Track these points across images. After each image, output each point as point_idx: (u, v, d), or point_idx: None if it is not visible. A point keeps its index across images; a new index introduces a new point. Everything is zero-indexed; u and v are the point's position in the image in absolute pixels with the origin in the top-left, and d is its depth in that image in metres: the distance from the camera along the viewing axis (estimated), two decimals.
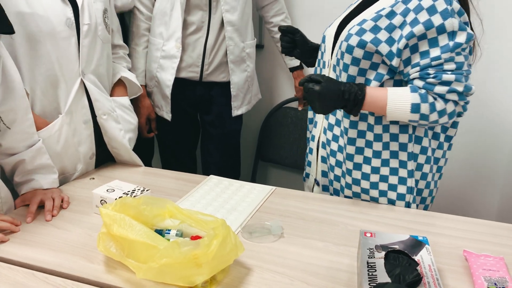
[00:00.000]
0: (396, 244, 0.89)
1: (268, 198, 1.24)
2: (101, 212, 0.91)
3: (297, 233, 1.06)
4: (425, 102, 1.06)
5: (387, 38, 1.09)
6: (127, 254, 0.87)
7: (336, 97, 1.09)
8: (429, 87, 1.07)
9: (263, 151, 2.18)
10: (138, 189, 1.16)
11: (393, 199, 1.20)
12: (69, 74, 1.26)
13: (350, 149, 1.20)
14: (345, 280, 0.88)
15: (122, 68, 1.51)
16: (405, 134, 1.16)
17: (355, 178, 1.21)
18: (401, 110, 1.08)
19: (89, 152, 1.37)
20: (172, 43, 1.67)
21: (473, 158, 1.93)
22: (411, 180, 1.18)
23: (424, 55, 1.07)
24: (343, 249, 0.99)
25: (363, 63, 1.13)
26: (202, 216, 0.94)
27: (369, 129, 1.17)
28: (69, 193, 1.24)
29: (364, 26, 1.12)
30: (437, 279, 0.81)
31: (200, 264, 0.80)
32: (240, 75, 1.79)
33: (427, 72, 1.07)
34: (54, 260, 0.93)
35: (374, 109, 1.12)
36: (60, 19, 1.21)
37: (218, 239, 0.82)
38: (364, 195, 1.22)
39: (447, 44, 1.05)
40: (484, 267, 0.89)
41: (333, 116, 1.24)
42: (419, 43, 1.07)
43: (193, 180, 1.35)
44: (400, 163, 1.18)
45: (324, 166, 1.31)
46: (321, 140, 1.30)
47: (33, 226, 1.07)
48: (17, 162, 1.15)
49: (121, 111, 1.44)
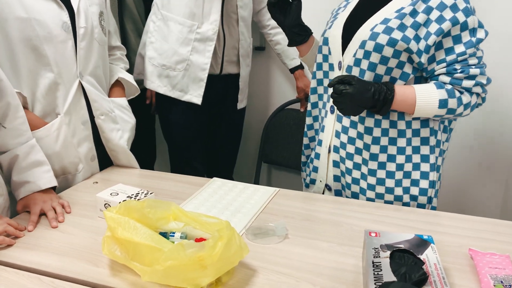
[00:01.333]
0: (401, 244, 0.89)
1: (271, 199, 1.24)
2: (106, 215, 0.91)
3: (301, 234, 1.06)
4: (453, 97, 1.10)
5: (414, 35, 1.11)
6: (132, 257, 0.87)
7: (367, 99, 1.10)
8: (457, 82, 1.11)
9: (266, 153, 2.18)
10: (142, 192, 1.17)
11: (415, 195, 1.21)
12: (67, 77, 1.28)
13: (375, 148, 1.19)
14: (350, 280, 0.88)
15: (119, 69, 1.53)
16: (426, 128, 1.19)
17: (379, 178, 1.21)
18: (429, 106, 1.11)
19: (89, 153, 1.38)
20: (208, 26, 1.67)
21: (477, 156, 1.93)
22: (433, 173, 1.21)
23: (449, 51, 1.11)
24: (348, 249, 0.99)
25: (391, 62, 1.13)
26: (206, 218, 0.94)
27: (392, 126, 1.18)
28: (73, 198, 1.24)
29: (390, 24, 1.12)
30: (443, 277, 0.81)
31: (205, 266, 0.80)
32: (246, 69, 1.87)
33: (454, 67, 1.11)
34: (60, 264, 0.94)
35: (402, 107, 1.13)
36: (56, 23, 1.23)
37: (223, 240, 0.82)
38: (388, 195, 1.22)
39: (470, 40, 1.11)
40: (490, 265, 0.89)
41: (347, 119, 1.23)
42: (443, 40, 1.11)
43: (196, 182, 1.35)
44: (422, 157, 1.20)
45: (336, 171, 1.29)
46: (332, 144, 1.28)
47: (38, 230, 1.07)
48: (11, 159, 1.14)
49: (119, 111, 1.45)
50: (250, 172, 2.24)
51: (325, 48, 1.28)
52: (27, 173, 1.15)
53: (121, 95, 1.51)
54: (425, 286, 0.78)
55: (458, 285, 0.86)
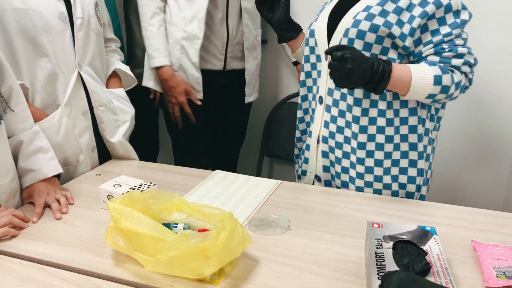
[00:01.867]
0: (404, 235, 0.89)
1: (274, 191, 1.24)
2: (109, 206, 0.91)
3: (304, 225, 1.06)
4: (446, 73, 1.10)
5: (397, 20, 1.12)
6: (135, 247, 0.88)
7: (366, 69, 1.04)
8: (446, 61, 1.11)
9: (268, 146, 2.18)
10: (145, 183, 1.17)
11: (404, 183, 1.21)
12: (66, 67, 1.28)
13: (362, 137, 1.20)
14: (353, 271, 0.88)
15: (115, 61, 1.54)
16: (414, 116, 1.19)
17: (368, 166, 1.22)
18: (425, 83, 1.09)
19: (90, 144, 1.38)
20: (195, 24, 1.68)
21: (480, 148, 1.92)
22: (421, 161, 1.21)
23: (435, 33, 1.12)
24: (351, 240, 0.99)
25: (374, 48, 1.14)
26: (209, 209, 0.94)
27: (380, 115, 1.18)
28: (76, 189, 1.25)
29: (372, 11, 1.14)
30: (446, 268, 0.81)
31: (208, 256, 0.81)
32: (252, 62, 1.85)
33: (442, 47, 1.12)
34: (63, 255, 0.94)
35: (398, 85, 1.10)
36: (53, 13, 1.23)
37: (226, 231, 0.82)
38: (376, 183, 1.22)
39: (455, 21, 1.12)
40: (492, 256, 0.89)
41: (335, 108, 1.24)
42: (428, 22, 1.12)
43: (199, 174, 1.35)
44: (410, 145, 1.20)
45: (325, 161, 1.31)
46: (321, 135, 1.29)
47: (41, 221, 1.07)
48: (16, 144, 1.15)
49: (118, 102, 1.46)
50: (252, 166, 2.24)
51: (311, 40, 1.30)
52: (32, 160, 1.16)
53: (119, 86, 1.51)
54: (428, 276, 0.78)
55: (460, 276, 0.86)
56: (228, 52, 1.77)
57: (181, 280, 0.85)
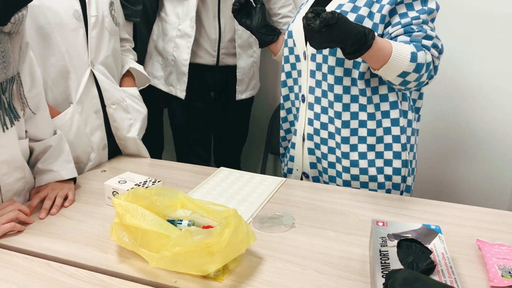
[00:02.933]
0: (409, 233, 0.89)
1: (278, 189, 1.24)
2: (114, 202, 0.92)
3: (308, 223, 1.06)
4: (420, 50, 1.09)
5: (368, 13, 1.15)
6: (140, 243, 0.88)
7: (354, 27, 0.99)
8: (417, 40, 1.12)
9: (273, 144, 2.17)
10: (150, 180, 1.17)
11: (389, 175, 1.23)
12: (78, 65, 1.28)
13: (345, 132, 1.22)
14: (357, 269, 0.88)
15: (129, 60, 1.54)
16: (395, 109, 1.20)
17: (352, 160, 1.23)
18: (402, 58, 1.07)
19: (101, 143, 1.38)
20: (187, 22, 1.71)
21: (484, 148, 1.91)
22: (405, 153, 1.22)
23: (403, 16, 1.15)
24: (355, 238, 0.99)
25: None
26: (214, 206, 0.94)
27: (362, 109, 1.20)
28: (81, 185, 1.25)
29: (344, 8, 1.17)
30: (450, 267, 0.80)
31: (212, 252, 0.81)
32: (247, 60, 1.84)
33: (411, 27, 1.12)
34: (68, 250, 0.95)
35: (378, 54, 1.05)
36: (67, 11, 1.23)
37: (230, 228, 0.82)
38: (362, 176, 1.24)
39: (422, 8, 1.14)
40: (498, 256, 0.89)
41: (317, 105, 1.26)
42: (397, 7, 1.15)
43: (204, 171, 1.35)
44: (394, 138, 1.21)
45: (312, 158, 1.33)
46: (306, 132, 1.30)
47: (47, 217, 1.08)
48: (45, 148, 1.17)
49: (131, 101, 1.46)
50: (257, 163, 2.24)
51: (290, 41, 1.32)
52: (53, 163, 1.17)
53: (132, 85, 1.51)
54: (432, 275, 0.78)
55: (465, 275, 0.86)
56: (221, 49, 1.79)
57: (185, 277, 0.85)
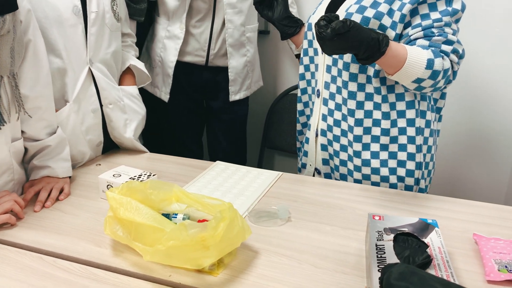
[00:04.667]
0: (405, 227, 0.88)
1: (275, 183, 1.23)
2: (108, 195, 0.91)
3: (304, 217, 1.05)
4: (438, 57, 1.06)
5: (388, 10, 1.11)
6: (134, 237, 0.87)
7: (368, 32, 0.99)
8: (436, 45, 1.08)
9: (269, 138, 2.17)
10: (145, 174, 1.16)
11: (402, 176, 1.20)
12: (76, 62, 1.25)
13: (358, 130, 1.19)
14: (353, 263, 0.88)
15: (130, 57, 1.50)
16: (412, 109, 1.17)
17: (364, 159, 1.21)
18: (418, 64, 1.05)
19: (97, 140, 1.37)
20: (177, 24, 1.68)
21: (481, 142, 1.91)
22: (420, 155, 1.19)
23: (425, 17, 1.10)
24: (351, 232, 0.99)
25: None
26: (209, 200, 0.93)
27: (376, 108, 1.17)
28: (75, 179, 1.24)
29: (364, 3, 1.13)
30: (447, 261, 0.80)
31: (207, 246, 0.80)
32: (239, 60, 1.78)
33: (431, 31, 1.09)
34: (62, 244, 0.94)
35: (393, 58, 1.04)
36: (67, 6, 1.20)
37: (225, 221, 0.81)
38: (374, 176, 1.21)
39: (446, 9, 1.10)
40: (494, 250, 0.88)
41: (332, 101, 1.23)
42: (419, 7, 1.11)
43: (200, 166, 1.34)
44: (409, 138, 1.18)
45: (324, 154, 1.30)
46: (319, 128, 1.28)
47: (41, 211, 1.07)
48: (43, 148, 1.16)
49: (129, 101, 1.43)
50: (253, 157, 2.24)
51: (309, 33, 1.29)
52: (50, 160, 1.16)
53: (132, 83, 1.48)
54: (429, 269, 0.77)
55: (462, 270, 0.86)
56: (210, 50, 1.73)
57: (179, 271, 0.85)
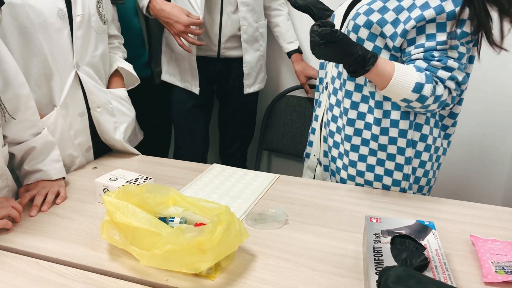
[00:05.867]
0: (402, 229, 0.88)
1: (272, 185, 1.23)
2: (104, 200, 0.90)
3: (301, 219, 1.05)
4: (429, 83, 1.04)
5: (394, 19, 1.08)
6: (130, 241, 0.87)
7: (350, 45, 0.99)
8: (433, 70, 1.05)
9: (266, 140, 2.17)
10: (141, 177, 1.16)
11: (387, 185, 1.20)
12: (63, 67, 1.24)
13: (349, 130, 1.20)
14: (350, 266, 0.88)
15: (118, 59, 1.49)
16: (406, 120, 1.14)
17: (352, 160, 1.21)
18: (404, 86, 1.04)
19: (86, 145, 1.36)
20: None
21: (478, 143, 1.91)
22: (408, 167, 1.18)
23: (430, 37, 1.06)
24: (348, 235, 0.99)
25: (366, 45, 1.11)
26: (206, 203, 0.93)
27: (370, 112, 1.17)
28: (71, 183, 1.23)
29: (373, 6, 1.11)
30: (444, 263, 0.80)
31: (204, 250, 0.80)
32: (253, 54, 1.83)
33: (432, 54, 1.05)
34: (58, 249, 0.93)
35: (379, 77, 1.05)
36: (52, 10, 1.19)
37: (222, 225, 0.81)
38: (358, 178, 1.22)
39: (455, 31, 1.04)
40: (491, 251, 0.88)
41: (334, 97, 1.24)
42: (427, 25, 1.06)
43: (196, 168, 1.34)
44: (398, 149, 1.16)
45: (325, 146, 1.32)
46: (324, 119, 1.30)
47: (37, 215, 1.06)
48: (28, 150, 1.14)
49: (117, 103, 1.42)
50: (250, 159, 2.23)
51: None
52: (41, 163, 1.15)
53: (121, 86, 1.47)
54: (426, 272, 0.77)
55: (459, 271, 0.86)
56: (221, 43, 1.77)
57: (176, 275, 0.84)
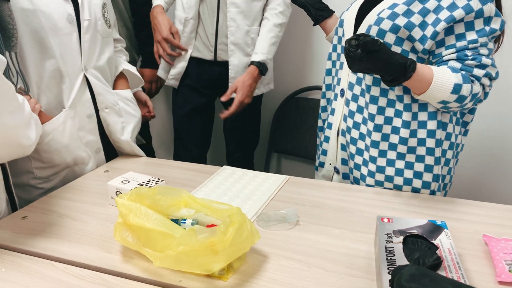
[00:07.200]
0: (414, 229, 0.88)
1: (282, 187, 1.23)
2: (117, 202, 0.91)
3: (312, 220, 1.05)
4: (467, 83, 1.04)
5: (421, 22, 1.08)
6: (143, 243, 0.87)
7: (390, 54, 0.99)
8: (468, 69, 1.06)
9: (276, 142, 2.17)
10: (153, 180, 1.17)
11: (417, 188, 1.18)
12: (72, 69, 1.28)
13: (376, 135, 1.18)
14: (363, 266, 0.88)
15: (122, 61, 1.53)
16: (433, 120, 1.14)
17: (379, 166, 1.19)
18: (443, 88, 1.04)
19: (95, 146, 1.38)
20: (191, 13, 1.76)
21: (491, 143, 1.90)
22: (438, 167, 1.17)
23: (460, 37, 1.06)
24: (360, 235, 0.98)
25: (393, 50, 1.10)
26: (217, 204, 0.94)
27: (397, 115, 1.15)
28: (84, 186, 1.25)
29: (397, 10, 1.10)
30: (457, 262, 0.80)
31: (217, 251, 0.80)
32: (242, 58, 1.80)
33: (465, 53, 1.06)
34: (72, 251, 0.94)
35: (418, 82, 1.05)
36: (61, 15, 1.23)
37: (234, 226, 0.81)
38: (387, 183, 1.20)
39: (483, 28, 1.05)
40: (505, 251, 0.88)
41: (354, 103, 1.22)
42: (455, 25, 1.06)
43: (207, 170, 1.35)
44: (427, 150, 1.15)
45: (344, 154, 1.30)
46: (340, 128, 1.28)
47: (50, 218, 1.08)
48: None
49: (124, 104, 1.46)
50: (260, 161, 2.24)
51: (340, 30, 1.28)
52: None
53: (126, 87, 1.51)
54: (439, 271, 0.77)
55: (472, 271, 0.85)
56: (218, 44, 1.79)
57: (189, 276, 0.85)
